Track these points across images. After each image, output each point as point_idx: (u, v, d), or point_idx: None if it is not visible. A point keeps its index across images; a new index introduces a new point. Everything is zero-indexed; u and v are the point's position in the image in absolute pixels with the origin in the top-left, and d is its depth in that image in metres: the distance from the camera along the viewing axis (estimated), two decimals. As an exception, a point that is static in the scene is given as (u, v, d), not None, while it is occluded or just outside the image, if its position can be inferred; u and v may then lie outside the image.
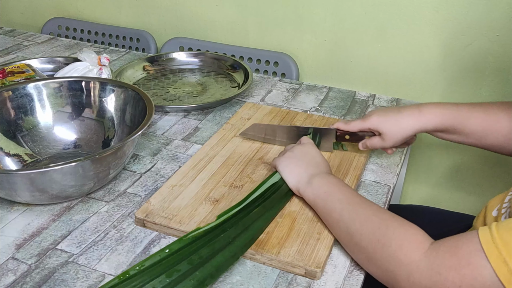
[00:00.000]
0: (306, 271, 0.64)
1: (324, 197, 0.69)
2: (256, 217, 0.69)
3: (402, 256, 0.56)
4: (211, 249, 0.63)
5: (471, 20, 1.05)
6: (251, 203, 0.71)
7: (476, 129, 0.76)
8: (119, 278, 0.57)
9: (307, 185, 0.71)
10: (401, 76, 1.17)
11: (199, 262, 0.61)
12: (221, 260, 0.62)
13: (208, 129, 0.98)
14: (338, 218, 0.66)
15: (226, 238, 0.65)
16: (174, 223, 0.70)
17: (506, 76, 1.07)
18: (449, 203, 1.25)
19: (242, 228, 0.67)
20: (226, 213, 0.68)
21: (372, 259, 0.61)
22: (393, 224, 0.60)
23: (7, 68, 1.07)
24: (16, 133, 0.86)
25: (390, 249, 0.58)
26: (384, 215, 0.62)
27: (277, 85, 1.17)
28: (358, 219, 0.63)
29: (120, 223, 0.73)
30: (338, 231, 0.66)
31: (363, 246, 0.62)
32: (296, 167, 0.75)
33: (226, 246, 0.64)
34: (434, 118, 0.77)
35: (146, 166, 0.86)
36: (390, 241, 0.58)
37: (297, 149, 0.77)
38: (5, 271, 0.64)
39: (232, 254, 0.63)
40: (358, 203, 0.66)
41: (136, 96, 0.86)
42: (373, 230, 0.61)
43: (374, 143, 0.81)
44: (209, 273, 0.60)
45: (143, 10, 1.42)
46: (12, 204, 0.76)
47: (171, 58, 1.24)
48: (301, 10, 1.21)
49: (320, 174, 0.72)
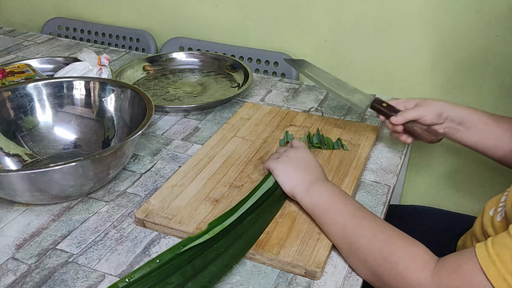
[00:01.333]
0: (306, 271, 0.64)
1: (325, 208, 0.68)
2: (249, 224, 0.68)
3: (409, 277, 0.57)
4: (203, 260, 0.62)
5: (470, 20, 1.05)
6: (244, 210, 0.70)
7: (478, 128, 0.82)
8: None
9: (305, 193, 0.71)
10: (401, 76, 1.17)
11: (192, 274, 0.60)
12: (214, 270, 0.61)
13: (208, 129, 0.98)
14: (341, 232, 0.65)
15: (219, 247, 0.64)
16: (174, 223, 0.70)
17: (506, 76, 1.07)
18: (449, 203, 1.25)
19: (235, 237, 0.66)
20: (218, 221, 0.66)
21: (378, 276, 0.61)
22: (398, 242, 0.61)
23: (7, 68, 1.07)
24: (16, 133, 0.86)
25: (397, 270, 0.58)
26: (389, 231, 0.62)
27: (277, 85, 1.17)
28: (364, 236, 0.63)
29: (120, 223, 0.73)
30: (340, 243, 0.66)
31: (368, 262, 0.62)
32: (293, 172, 0.73)
33: (219, 256, 0.63)
34: (457, 107, 0.84)
35: (146, 166, 0.86)
36: (397, 260, 0.59)
37: (292, 153, 0.76)
38: (5, 271, 0.64)
39: (225, 264, 0.62)
40: (362, 217, 0.65)
41: (136, 96, 0.86)
42: (379, 248, 0.61)
43: (410, 113, 0.82)
44: (202, 285, 0.59)
45: (143, 10, 1.42)
46: (12, 204, 0.76)
47: (171, 58, 1.24)
48: (301, 10, 1.21)
49: (317, 182, 0.71)
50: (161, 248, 0.68)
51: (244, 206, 0.70)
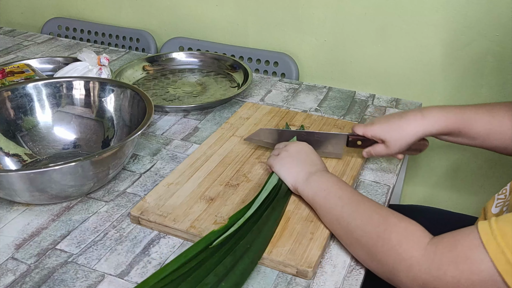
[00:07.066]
0: (298, 270, 0.64)
1: (324, 195, 0.69)
2: (266, 220, 0.69)
3: (402, 251, 0.57)
4: (233, 257, 0.62)
5: (470, 20, 1.05)
6: (259, 206, 0.71)
7: (480, 131, 0.75)
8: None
9: (306, 183, 0.72)
10: (401, 76, 1.17)
11: (224, 273, 0.60)
12: (243, 267, 0.62)
13: (207, 129, 0.98)
14: (339, 215, 0.66)
15: (245, 244, 0.65)
16: (168, 221, 0.70)
17: (506, 76, 1.07)
18: (449, 203, 1.25)
19: (258, 233, 0.67)
20: (238, 215, 0.68)
21: (372, 255, 0.61)
22: (393, 220, 0.61)
23: (7, 68, 1.07)
24: (15, 133, 0.86)
25: (390, 244, 0.58)
26: (385, 212, 0.63)
27: (277, 85, 1.17)
28: (359, 216, 0.64)
29: (120, 223, 0.73)
30: (337, 227, 0.67)
31: (363, 242, 0.62)
32: (293, 166, 0.75)
33: (245, 252, 0.64)
34: (438, 122, 0.75)
35: (145, 166, 0.86)
36: (390, 236, 0.59)
37: (291, 147, 0.77)
38: (4, 271, 0.64)
39: (250, 260, 0.63)
40: (359, 201, 0.66)
41: (135, 96, 0.86)
42: (373, 226, 0.61)
43: (378, 151, 0.79)
44: (235, 282, 0.60)
45: (143, 10, 1.42)
46: (12, 204, 0.76)
47: (171, 58, 1.24)
48: (301, 11, 1.21)
49: (317, 172, 0.72)
50: (160, 248, 0.68)
51: (257, 200, 0.71)
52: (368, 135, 0.79)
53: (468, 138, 0.77)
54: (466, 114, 0.76)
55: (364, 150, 0.82)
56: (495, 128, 0.75)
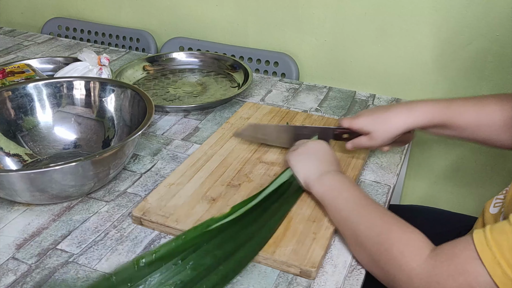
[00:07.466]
0: (301, 270, 0.64)
1: (333, 195, 0.69)
2: (272, 213, 0.70)
3: (403, 262, 0.57)
4: (235, 244, 0.63)
5: (470, 20, 1.05)
6: (266, 198, 0.72)
7: (468, 123, 0.75)
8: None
9: (317, 180, 0.72)
10: (401, 76, 1.17)
11: (222, 257, 0.61)
12: (244, 254, 0.63)
13: (208, 129, 0.98)
14: (346, 217, 0.66)
15: (248, 234, 0.65)
16: (170, 221, 0.70)
17: (506, 76, 1.07)
18: (449, 203, 1.25)
19: (262, 224, 0.68)
20: (242, 206, 0.69)
21: (375, 261, 0.61)
22: (396, 229, 0.61)
23: (7, 68, 1.07)
24: (16, 133, 0.86)
25: (392, 254, 0.58)
26: (389, 219, 0.63)
27: (277, 85, 1.17)
28: (364, 222, 0.63)
29: (120, 223, 0.73)
30: (344, 229, 0.67)
31: (367, 247, 0.62)
32: (308, 162, 0.75)
33: (246, 242, 0.64)
34: (424, 115, 0.75)
35: (146, 166, 0.86)
36: (392, 245, 0.59)
37: (310, 145, 0.78)
38: (5, 271, 0.64)
39: (252, 249, 0.64)
40: (366, 205, 0.66)
41: (136, 96, 0.86)
42: (377, 233, 0.61)
43: (361, 142, 0.79)
44: (233, 268, 0.61)
45: (143, 10, 1.42)
46: (12, 204, 0.76)
47: (171, 58, 1.24)
48: (301, 11, 1.21)
49: (331, 172, 0.72)
50: (161, 248, 0.68)
51: (263, 193, 0.72)
52: (354, 127, 0.79)
53: (456, 130, 0.76)
54: (452, 107, 0.75)
55: (347, 142, 0.82)
56: (484, 120, 0.74)
